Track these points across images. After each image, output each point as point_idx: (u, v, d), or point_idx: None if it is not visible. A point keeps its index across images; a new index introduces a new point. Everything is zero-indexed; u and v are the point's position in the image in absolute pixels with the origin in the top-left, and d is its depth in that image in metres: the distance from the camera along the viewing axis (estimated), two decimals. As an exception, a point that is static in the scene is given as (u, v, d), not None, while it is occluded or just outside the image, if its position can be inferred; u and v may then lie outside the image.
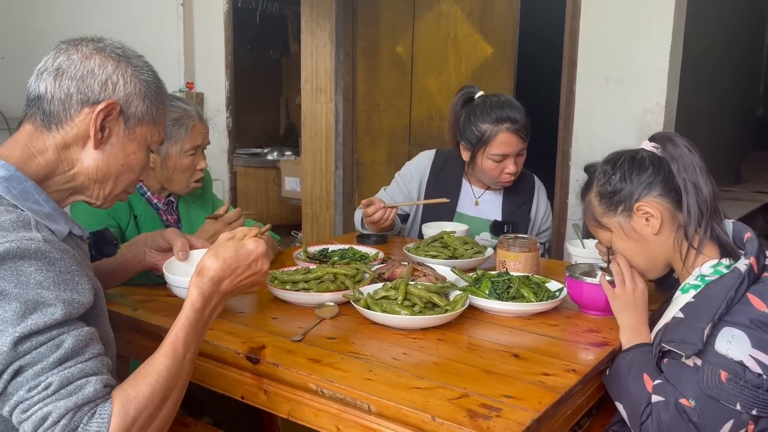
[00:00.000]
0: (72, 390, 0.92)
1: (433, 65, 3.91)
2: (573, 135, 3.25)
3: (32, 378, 0.91)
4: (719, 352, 1.14)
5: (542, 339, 1.36)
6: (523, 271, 1.71)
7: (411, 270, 1.60)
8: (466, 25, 3.74)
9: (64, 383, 0.92)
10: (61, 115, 1.07)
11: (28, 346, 0.91)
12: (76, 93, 1.07)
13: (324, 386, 1.12)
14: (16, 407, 0.91)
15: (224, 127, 4.70)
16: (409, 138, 4.09)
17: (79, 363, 0.94)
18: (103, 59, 1.09)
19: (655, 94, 2.99)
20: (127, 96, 1.10)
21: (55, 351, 0.93)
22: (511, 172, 2.18)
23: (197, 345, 1.08)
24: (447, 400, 1.05)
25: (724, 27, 4.78)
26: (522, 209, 2.31)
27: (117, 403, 0.94)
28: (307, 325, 1.38)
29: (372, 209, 2.10)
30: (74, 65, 1.08)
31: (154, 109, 1.15)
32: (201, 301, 1.09)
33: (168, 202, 1.97)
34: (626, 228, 1.38)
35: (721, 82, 5.06)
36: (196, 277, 1.11)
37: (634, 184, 1.35)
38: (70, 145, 1.09)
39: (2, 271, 0.92)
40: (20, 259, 0.93)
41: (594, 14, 3.11)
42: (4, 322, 0.91)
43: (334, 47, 4.12)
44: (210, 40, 4.61)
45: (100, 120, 1.08)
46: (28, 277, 0.93)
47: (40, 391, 0.91)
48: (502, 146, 2.14)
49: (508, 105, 2.15)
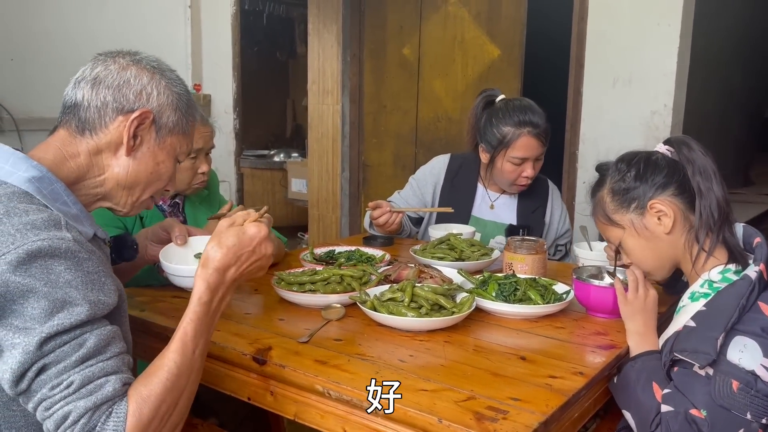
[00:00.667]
0: (92, 389, 0.95)
1: (440, 67, 3.90)
2: (580, 137, 3.24)
3: (55, 376, 0.94)
4: (731, 362, 1.13)
5: (549, 341, 1.35)
6: (530, 274, 1.70)
7: (417, 272, 1.60)
8: (473, 27, 3.74)
9: (85, 382, 0.95)
10: (96, 122, 1.11)
11: (53, 345, 0.94)
12: (112, 101, 1.11)
13: (330, 388, 1.12)
14: (40, 404, 0.94)
15: (231, 129, 4.71)
16: (416, 140, 4.09)
17: (100, 362, 0.97)
18: (139, 70, 1.14)
19: (663, 96, 2.98)
20: (160, 106, 1.14)
21: (77, 350, 0.95)
22: (528, 176, 2.19)
23: (207, 338, 1.09)
24: (454, 403, 1.04)
25: (732, 29, 4.75)
26: (536, 213, 2.31)
27: (132, 403, 0.96)
28: (313, 326, 1.38)
29: (378, 212, 2.11)
30: (111, 75, 1.12)
31: (184, 120, 1.19)
32: (208, 293, 1.09)
33: (174, 204, 1.98)
34: (638, 226, 1.37)
35: (729, 85, 5.03)
36: (201, 269, 1.11)
37: (649, 183, 1.35)
38: (102, 151, 1.13)
39: (33, 268, 0.94)
40: (51, 257, 0.96)
41: (601, 16, 3.10)
42: (32, 320, 0.93)
43: (341, 49, 4.12)
44: (217, 43, 4.62)
45: (134, 128, 1.12)
46: (58, 276, 0.96)
47: (62, 389, 0.94)
48: (523, 149, 2.15)
49: (530, 109, 2.16)
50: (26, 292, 0.93)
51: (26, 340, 0.93)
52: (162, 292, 1.61)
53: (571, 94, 3.25)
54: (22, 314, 0.93)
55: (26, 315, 0.93)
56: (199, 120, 1.85)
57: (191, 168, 1.88)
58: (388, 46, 4.10)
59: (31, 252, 0.94)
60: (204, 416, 1.80)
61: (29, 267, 0.94)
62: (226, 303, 1.14)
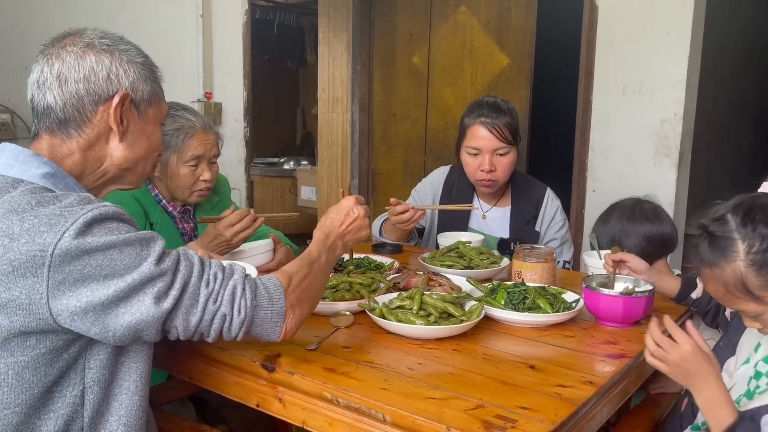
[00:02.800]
0: (230, 271, 1.11)
1: (450, 76, 3.91)
2: (590, 146, 3.23)
3: (199, 280, 1.06)
4: None
5: (558, 350, 1.35)
6: (539, 282, 1.70)
7: (426, 280, 1.60)
8: (482, 36, 3.74)
9: (223, 269, 1.11)
10: (78, 119, 1.11)
11: (170, 262, 1.04)
12: (86, 95, 1.10)
13: (339, 395, 1.12)
14: (207, 303, 1.06)
15: (242, 137, 4.73)
16: (425, 148, 4.09)
17: (213, 261, 1.11)
18: (97, 54, 1.11)
19: (673, 104, 2.97)
20: (131, 83, 1.14)
21: (192, 259, 1.08)
22: (484, 170, 2.15)
23: (328, 258, 1.31)
24: (462, 411, 1.04)
25: (743, 37, 4.73)
26: (529, 225, 2.28)
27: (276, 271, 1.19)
28: (322, 334, 1.38)
29: (401, 208, 2.09)
30: (73, 68, 1.09)
31: (156, 86, 1.20)
32: (323, 235, 1.33)
33: (184, 210, 1.99)
34: None
35: (741, 93, 5.00)
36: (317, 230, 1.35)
37: None
38: (95, 144, 1.14)
39: (96, 231, 0.99)
40: (104, 220, 1.00)
41: (611, 24, 3.09)
42: (129, 267, 1.00)
43: (351, 58, 4.14)
44: (228, 51, 4.65)
45: (119, 113, 1.12)
46: (119, 230, 1.01)
47: (214, 280, 1.08)
48: (475, 138, 2.15)
49: (491, 103, 2.18)
50: (106, 248, 0.98)
51: (140, 272, 0.99)
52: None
53: (580, 102, 3.25)
54: (114, 267, 0.98)
55: (119, 264, 0.99)
56: (199, 128, 1.86)
57: (191, 175, 1.87)
58: (398, 54, 4.11)
59: (88, 220, 0.98)
60: (213, 423, 1.81)
61: (93, 230, 0.98)
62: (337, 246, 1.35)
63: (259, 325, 1.13)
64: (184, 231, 1.98)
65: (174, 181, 1.86)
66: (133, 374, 1.10)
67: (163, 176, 1.87)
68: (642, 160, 3.07)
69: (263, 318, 1.12)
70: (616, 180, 3.14)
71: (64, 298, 0.97)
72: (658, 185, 2.93)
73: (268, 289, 1.14)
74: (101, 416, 1.08)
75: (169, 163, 1.84)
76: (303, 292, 1.20)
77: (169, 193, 1.92)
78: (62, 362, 1.03)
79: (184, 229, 1.99)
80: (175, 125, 1.82)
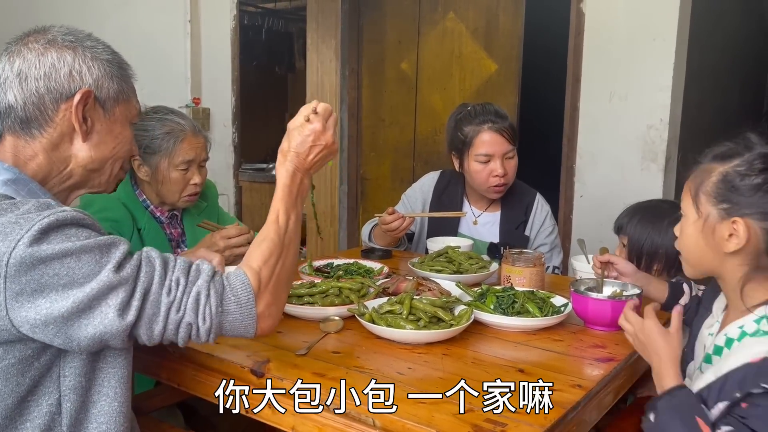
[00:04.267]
0: (196, 274, 1.04)
1: (438, 81, 3.93)
2: (577, 151, 3.25)
3: (160, 287, 1.00)
4: None
5: (547, 354, 1.35)
6: (527, 286, 1.71)
7: (416, 284, 1.61)
8: (470, 42, 3.76)
9: (187, 272, 1.04)
10: (40, 118, 1.07)
11: (130, 269, 0.98)
12: (47, 92, 1.06)
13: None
14: (169, 313, 1.01)
15: (230, 142, 4.72)
16: (414, 153, 4.10)
17: (177, 261, 1.05)
18: (59, 51, 1.08)
19: (659, 110, 3.00)
20: (96, 81, 1.10)
21: (154, 263, 1.02)
22: (499, 174, 2.16)
23: (297, 212, 1.21)
24: (452, 415, 1.04)
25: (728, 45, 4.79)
26: (519, 230, 2.29)
27: (242, 265, 1.10)
28: (311, 339, 1.38)
29: (391, 218, 2.10)
30: (34, 65, 1.06)
31: (124, 84, 1.15)
32: (289, 178, 1.21)
33: (172, 216, 1.98)
34: (708, 224, 1.20)
35: (725, 100, 5.06)
36: (278, 164, 1.22)
37: (758, 201, 1.15)
38: (58, 145, 1.10)
39: (53, 238, 0.95)
40: (61, 227, 0.96)
41: (598, 31, 3.12)
42: (87, 275, 0.95)
43: (340, 64, 4.15)
44: (217, 57, 4.64)
45: (81, 112, 1.08)
46: (78, 236, 0.97)
47: (176, 287, 1.01)
48: (485, 145, 2.16)
49: (491, 109, 2.20)
50: (62, 256, 0.94)
51: (99, 281, 0.94)
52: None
53: (568, 108, 3.27)
54: (72, 276, 0.94)
55: (77, 273, 0.94)
56: (189, 131, 1.86)
57: (182, 179, 1.87)
58: (386, 60, 4.13)
59: (44, 227, 0.94)
60: (202, 430, 1.80)
61: (49, 238, 0.94)
62: (305, 186, 1.24)
63: (230, 330, 1.08)
64: (171, 236, 1.97)
65: (165, 186, 1.86)
66: (111, 380, 1.07)
67: (153, 181, 1.86)
68: (629, 165, 3.10)
69: (233, 322, 1.07)
70: (603, 185, 3.17)
71: (23, 309, 0.93)
72: (645, 190, 2.96)
73: (235, 291, 1.07)
74: (80, 424, 1.05)
75: (160, 168, 1.83)
76: (276, 285, 1.12)
77: (157, 198, 1.91)
78: (35, 371, 1.00)
79: (172, 235, 1.98)
80: (165, 129, 1.81)
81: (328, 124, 1.25)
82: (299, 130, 1.23)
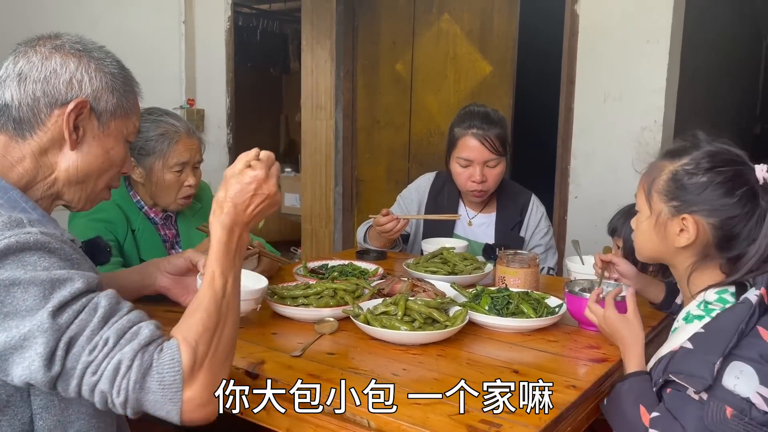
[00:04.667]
0: (130, 337, 0.93)
1: (433, 83, 3.93)
2: (572, 152, 3.26)
3: (87, 342, 0.92)
4: (726, 387, 1.09)
5: (542, 355, 1.36)
6: (522, 287, 1.71)
7: (411, 285, 1.61)
8: (465, 43, 3.77)
9: (121, 333, 0.93)
10: (32, 120, 1.05)
11: (67, 316, 0.91)
12: (43, 96, 1.05)
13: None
14: (85, 372, 0.91)
15: (224, 144, 4.71)
16: (409, 155, 4.11)
17: (123, 316, 0.96)
18: (64, 57, 1.07)
19: (653, 112, 3.01)
20: (95, 92, 1.08)
21: (95, 313, 0.93)
22: (476, 180, 2.17)
23: (235, 273, 1.07)
24: (447, 416, 1.04)
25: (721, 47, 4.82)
26: (514, 231, 2.30)
27: (178, 335, 0.96)
28: (306, 340, 1.37)
29: (385, 219, 2.09)
30: (36, 67, 1.05)
31: (124, 100, 1.13)
32: (225, 234, 1.06)
33: (166, 217, 1.98)
34: (660, 220, 1.28)
35: (718, 102, 5.09)
36: (213, 215, 1.08)
37: (706, 198, 1.22)
38: (47, 150, 1.07)
39: (7, 264, 0.91)
40: (21, 251, 0.92)
41: (592, 33, 3.14)
42: (29, 309, 0.90)
43: (335, 65, 4.15)
44: (211, 58, 4.64)
45: (72, 120, 1.06)
46: (35, 265, 0.93)
47: (101, 347, 0.91)
48: (466, 150, 2.16)
49: (483, 114, 2.19)
50: (9, 285, 0.90)
51: (35, 320, 0.89)
52: (154, 307, 1.60)
53: (562, 110, 3.28)
54: (16, 306, 0.90)
55: (21, 305, 0.90)
56: (183, 133, 1.85)
57: (177, 181, 1.86)
58: (381, 61, 4.13)
59: (1, 249, 0.90)
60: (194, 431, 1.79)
61: (5, 262, 0.90)
62: (243, 241, 1.10)
63: (152, 410, 0.95)
64: (166, 237, 1.97)
65: (159, 188, 1.85)
66: None
67: (147, 183, 1.85)
68: (623, 166, 3.11)
69: (153, 403, 0.94)
70: (597, 186, 3.18)
71: None
72: (638, 191, 2.97)
73: (161, 368, 0.93)
74: None
75: (154, 169, 1.83)
76: (212, 362, 0.98)
77: (151, 200, 1.91)
78: (1, 389, 0.97)
79: (166, 236, 1.97)
80: (159, 131, 1.81)
81: (271, 172, 1.12)
82: (238, 177, 1.09)
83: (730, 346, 1.11)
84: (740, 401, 1.08)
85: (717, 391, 1.10)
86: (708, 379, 1.10)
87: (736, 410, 1.07)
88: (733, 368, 1.10)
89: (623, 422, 1.21)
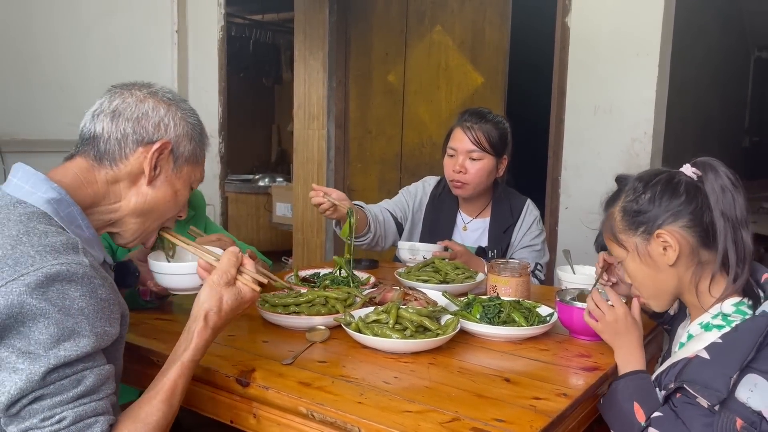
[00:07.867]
0: (81, 428, 0.96)
1: (425, 94, 3.95)
2: (562, 164, 3.28)
3: (48, 409, 0.95)
4: (739, 400, 1.08)
5: (533, 363, 1.36)
6: (513, 296, 1.71)
7: (402, 294, 1.61)
8: (457, 55, 3.80)
9: (77, 419, 0.95)
10: (117, 153, 1.14)
11: (54, 377, 0.95)
12: (132, 133, 1.14)
13: (314, 410, 1.11)
14: (26, 430, 0.94)
15: (216, 153, 4.70)
16: (401, 165, 4.12)
17: (94, 401, 0.98)
18: (156, 102, 1.18)
19: (643, 124, 3.04)
20: (177, 137, 1.19)
21: (76, 386, 0.97)
22: (455, 170, 2.22)
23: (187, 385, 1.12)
24: (438, 424, 1.04)
25: (710, 61, 4.88)
26: (507, 233, 2.33)
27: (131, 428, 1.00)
28: (297, 348, 1.37)
29: (313, 193, 2.01)
30: (130, 107, 1.15)
31: (198, 150, 1.24)
32: (201, 353, 1.14)
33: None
34: (642, 251, 1.29)
35: (707, 114, 5.14)
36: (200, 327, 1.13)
37: (662, 208, 1.26)
38: (120, 181, 1.16)
39: (50, 292, 0.95)
40: (68, 282, 0.96)
41: (582, 45, 3.17)
42: (37, 344, 0.93)
43: (327, 75, 4.16)
44: (203, 67, 4.64)
45: (155, 158, 1.16)
46: (72, 302, 0.96)
47: (53, 423, 0.94)
48: (454, 140, 2.25)
49: (477, 111, 2.28)
50: (39, 315, 0.93)
51: (31, 368, 0.93)
52: (144, 315, 1.59)
53: (553, 121, 3.30)
54: (28, 337, 0.93)
55: (32, 339, 0.93)
56: None
57: None
58: (374, 72, 4.15)
59: (50, 275, 0.94)
60: (185, 441, 1.77)
61: (47, 290, 0.94)
62: None
63: None
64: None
65: None
66: None
67: None
68: (613, 178, 3.12)
69: None
70: (588, 197, 3.19)
71: None
72: (629, 202, 2.98)
73: None
74: None
75: None
76: None
77: None
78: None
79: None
80: None
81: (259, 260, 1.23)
82: (232, 292, 1.17)
83: (748, 360, 1.10)
84: (751, 414, 1.07)
85: (729, 403, 1.09)
86: (723, 393, 1.09)
87: (747, 423, 1.07)
88: (747, 381, 1.10)
89: (617, 419, 1.23)
